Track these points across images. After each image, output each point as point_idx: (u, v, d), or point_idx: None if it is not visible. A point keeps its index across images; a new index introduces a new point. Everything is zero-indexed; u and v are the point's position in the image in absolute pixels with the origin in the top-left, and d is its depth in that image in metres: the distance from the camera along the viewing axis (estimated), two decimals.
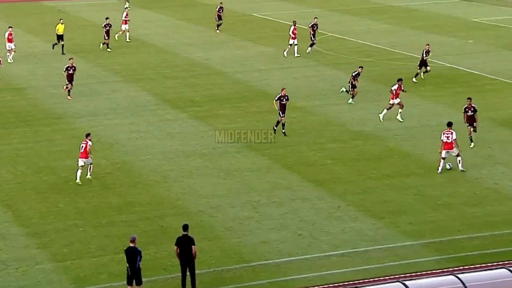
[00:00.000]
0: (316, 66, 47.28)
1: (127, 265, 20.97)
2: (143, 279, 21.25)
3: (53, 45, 51.16)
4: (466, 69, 45.37)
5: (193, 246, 21.46)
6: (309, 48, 49.73)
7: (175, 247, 21.62)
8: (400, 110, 35.58)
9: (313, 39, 49.71)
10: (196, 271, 21.75)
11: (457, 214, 26.07)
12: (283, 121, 33.81)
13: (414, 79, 42.36)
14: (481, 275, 18.81)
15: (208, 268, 22.82)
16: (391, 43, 52.89)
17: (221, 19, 57.74)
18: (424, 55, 42.80)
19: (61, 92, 42.69)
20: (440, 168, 29.39)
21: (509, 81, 42.76)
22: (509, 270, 18.10)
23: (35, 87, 43.39)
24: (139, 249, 21.08)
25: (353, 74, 38.79)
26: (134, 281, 21.00)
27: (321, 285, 21.73)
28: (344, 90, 38.90)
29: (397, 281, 18.15)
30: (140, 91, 42.50)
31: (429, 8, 67.96)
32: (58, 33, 50.78)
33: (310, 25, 49.95)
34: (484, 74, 44.21)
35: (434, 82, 42.78)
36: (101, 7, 73.07)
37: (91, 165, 29.56)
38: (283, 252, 23.65)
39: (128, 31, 54.91)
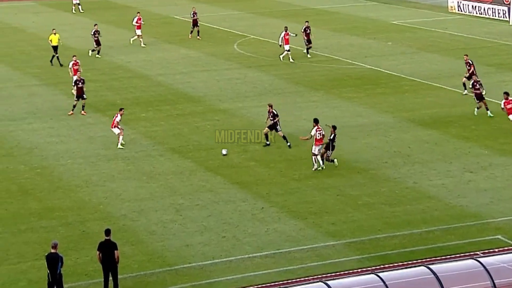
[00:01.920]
0: (239, 68, 47.41)
1: (48, 272, 20.62)
2: (65, 285, 20.94)
3: (51, 60, 47.76)
4: (385, 71, 46.22)
5: (115, 251, 21.27)
6: (308, 54, 49.02)
7: (98, 252, 21.38)
8: None
9: (307, 44, 49.19)
10: (119, 276, 21.55)
11: (377, 213, 26.52)
12: (281, 135, 32.82)
13: (465, 91, 40.01)
14: (401, 273, 19.15)
15: (131, 273, 22.62)
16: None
17: (197, 25, 56.08)
18: (469, 69, 39.96)
19: None
20: (315, 165, 29.87)
21: (426, 81, 43.76)
22: (428, 268, 18.50)
23: None
24: (61, 255, 20.77)
25: (471, 89, 36.79)
26: None
27: (245, 287, 21.79)
28: (477, 109, 36.52)
29: (320, 281, 18.33)
30: (60, 95, 41.84)
31: (349, 10, 68.98)
32: (52, 45, 47.69)
33: (302, 30, 49.42)
34: (402, 75, 45.12)
35: (355, 84, 43.45)
36: (19, 10, 71.68)
37: (119, 136, 32.81)
38: (207, 255, 23.63)
39: (142, 37, 53.36)
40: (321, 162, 30.22)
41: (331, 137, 30.24)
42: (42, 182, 29.45)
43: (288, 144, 32.70)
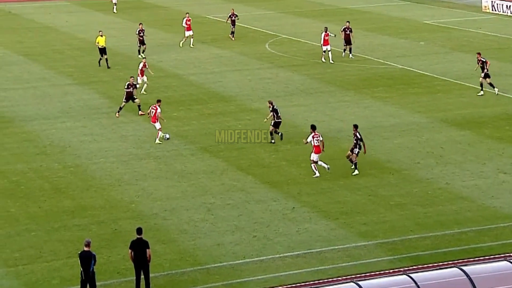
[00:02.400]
0: (270, 68, 47.42)
1: (81, 269, 20.79)
2: (97, 283, 21.09)
3: (99, 61, 47.41)
4: (418, 71, 45.95)
5: (147, 250, 21.38)
6: (350, 54, 48.60)
7: (129, 251, 21.51)
8: None
9: (345, 44, 48.71)
10: (151, 275, 21.66)
11: (409, 214, 26.36)
12: (270, 131, 33.39)
13: (496, 91, 39.85)
14: (433, 274, 19.04)
15: (163, 271, 22.73)
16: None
17: (234, 26, 55.79)
18: (485, 67, 39.68)
19: (11, 96, 42.25)
20: (317, 172, 29.45)
21: (459, 81, 43.42)
22: (460, 269, 18.36)
23: None
24: (93, 253, 20.92)
25: None
26: (88, 285, 20.83)
27: (276, 287, 21.79)
28: None
29: (351, 281, 18.28)
30: (93, 94, 42.18)
31: (381, 10, 68.66)
32: (99, 47, 47.17)
33: (342, 29, 49.08)
34: (435, 75, 44.82)
35: (386, 84, 43.24)
36: (52, 10, 72.35)
37: (159, 131, 33.10)
38: (238, 254, 23.66)
39: (192, 37, 53.25)
40: (356, 170, 29.82)
41: (359, 137, 29.86)
42: (75, 181, 29.70)
43: (280, 134, 33.41)
